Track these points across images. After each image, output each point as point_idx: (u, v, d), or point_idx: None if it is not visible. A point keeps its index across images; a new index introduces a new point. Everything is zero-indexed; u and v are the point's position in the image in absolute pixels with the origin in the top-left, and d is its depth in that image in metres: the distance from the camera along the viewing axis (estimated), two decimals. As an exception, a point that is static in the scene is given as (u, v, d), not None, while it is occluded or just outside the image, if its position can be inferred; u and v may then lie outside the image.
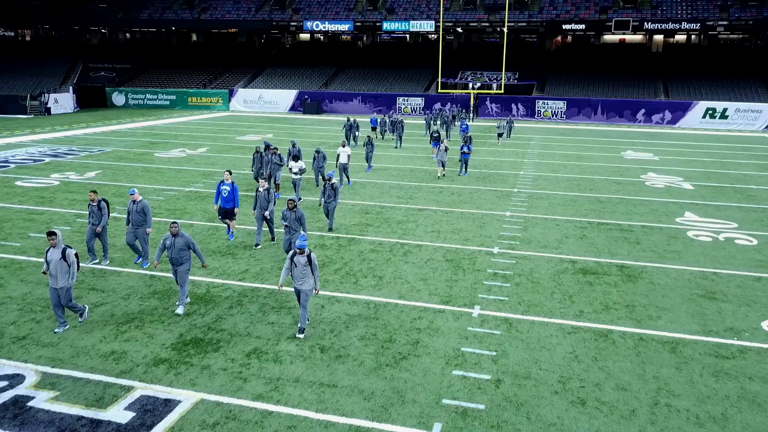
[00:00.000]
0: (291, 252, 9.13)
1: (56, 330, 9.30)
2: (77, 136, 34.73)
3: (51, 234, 8.95)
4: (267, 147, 19.64)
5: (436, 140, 28.27)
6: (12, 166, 24.24)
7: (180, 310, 10.03)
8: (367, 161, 24.20)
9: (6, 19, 64.40)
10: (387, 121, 35.31)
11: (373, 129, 36.05)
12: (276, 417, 7.16)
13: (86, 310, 9.68)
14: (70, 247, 9.14)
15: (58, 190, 19.80)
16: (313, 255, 9.07)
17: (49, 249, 9.07)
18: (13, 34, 70.82)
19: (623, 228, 16.18)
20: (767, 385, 8.12)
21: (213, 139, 33.84)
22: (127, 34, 69.84)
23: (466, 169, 23.77)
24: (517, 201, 19.28)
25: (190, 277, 11.75)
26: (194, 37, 68.40)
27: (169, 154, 28.19)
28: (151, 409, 7.26)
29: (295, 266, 9.03)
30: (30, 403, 7.35)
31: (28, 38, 70.50)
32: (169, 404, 7.38)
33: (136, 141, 32.60)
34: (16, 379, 7.92)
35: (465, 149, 23.54)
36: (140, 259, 12.52)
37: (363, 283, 11.63)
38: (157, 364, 8.37)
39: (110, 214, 12.64)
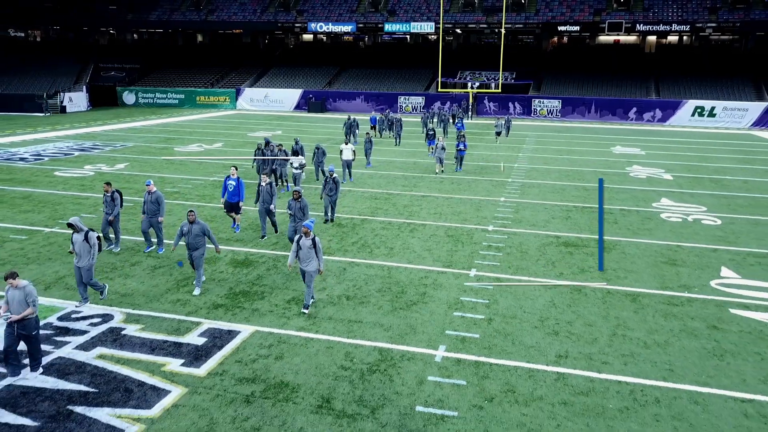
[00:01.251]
0: (298, 236, 10.10)
1: (78, 305, 10.35)
2: (97, 132, 36.73)
3: (70, 225, 10.12)
4: (267, 143, 20.87)
5: (431, 138, 29.62)
6: (46, 159, 26.25)
7: (197, 291, 10.98)
8: (367, 157, 25.62)
9: (16, 19, 66.35)
10: (385, 119, 36.72)
11: (373, 127, 37.10)
12: (316, 341, 9.19)
13: (105, 289, 10.67)
14: (92, 230, 10.38)
15: (94, 179, 21.81)
16: (317, 239, 10.00)
17: (74, 233, 10.28)
18: (23, 34, 72.83)
19: (605, 211, 18.21)
20: (704, 323, 10.15)
21: (226, 135, 35.85)
22: (134, 35, 71.82)
23: (460, 165, 25.03)
24: (510, 189, 21.31)
25: (232, 248, 13.79)
26: (199, 38, 70.42)
27: (187, 148, 30.19)
28: (219, 336, 9.30)
29: (300, 249, 9.99)
30: (123, 332, 9.39)
31: (38, 39, 72.41)
32: (231, 333, 9.41)
33: (154, 137, 34.60)
34: (107, 317, 9.94)
35: (461, 146, 24.90)
36: (150, 248, 13.36)
37: (377, 252, 13.66)
38: (216, 308, 10.40)
39: (123, 204, 13.67)
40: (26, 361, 8.27)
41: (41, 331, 9.06)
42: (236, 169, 15.11)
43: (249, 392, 7.73)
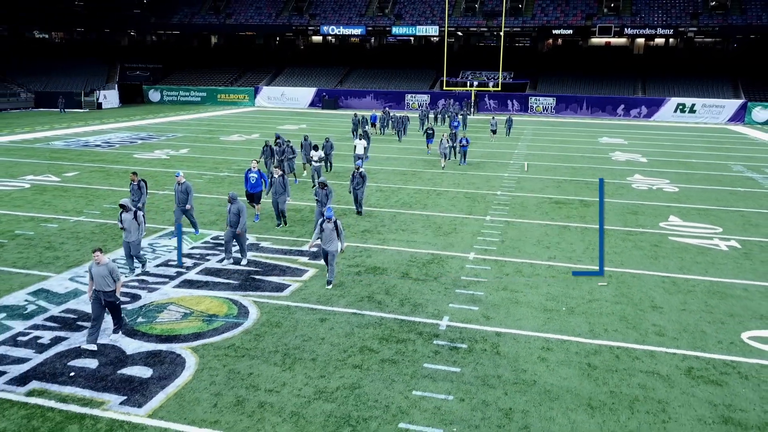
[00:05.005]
0: (320, 220, 11.38)
1: (127, 275, 11.86)
2: (143, 125, 41.28)
3: (122, 206, 11.56)
4: (277, 138, 23.21)
5: (429, 136, 30.55)
6: (117, 145, 30.82)
7: (244, 262, 12.74)
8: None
9: (42, 21, 70.65)
10: (387, 117, 39.14)
11: (373, 125, 39.23)
12: (389, 250, 13.86)
13: (147, 262, 12.37)
14: (140, 209, 12.74)
15: (170, 160, 26.40)
16: (338, 222, 11.29)
17: (122, 212, 11.64)
18: (47, 36, 77.21)
19: (587, 182, 22.93)
20: (649, 243, 14.87)
21: (258, 128, 40.46)
22: (153, 37, 76.33)
23: (464, 158, 27.18)
24: (512, 169, 26.00)
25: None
26: (214, 40, 74.97)
27: (230, 138, 34.79)
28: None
29: (323, 231, 11.24)
30: (260, 245, 14.01)
31: (63, 40, 76.76)
32: (331, 246, 14.06)
33: (195, 128, 39.17)
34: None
35: (464, 142, 27.22)
36: (174, 236, 14.50)
37: (415, 207, 18.34)
38: (311, 236, 15.04)
39: (148, 192, 15.01)
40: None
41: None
42: (257, 162, 16.41)
43: (356, 271, 12.42)
